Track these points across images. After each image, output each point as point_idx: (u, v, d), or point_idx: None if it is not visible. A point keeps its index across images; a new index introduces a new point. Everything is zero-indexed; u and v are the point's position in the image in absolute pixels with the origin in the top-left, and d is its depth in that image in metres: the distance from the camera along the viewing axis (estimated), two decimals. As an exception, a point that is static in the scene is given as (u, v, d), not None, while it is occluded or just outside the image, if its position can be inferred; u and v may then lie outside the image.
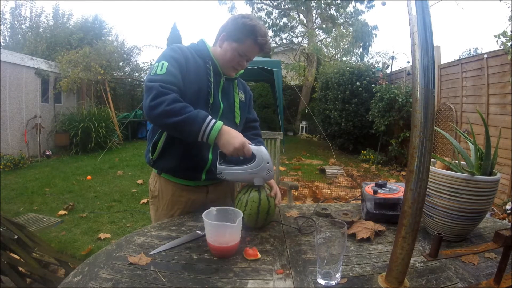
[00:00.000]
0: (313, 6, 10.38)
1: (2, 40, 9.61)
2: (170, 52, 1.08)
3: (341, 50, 10.23)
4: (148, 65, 10.49)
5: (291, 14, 11.03)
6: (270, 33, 11.31)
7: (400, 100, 5.17)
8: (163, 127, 1.05)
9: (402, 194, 0.86)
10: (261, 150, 0.98)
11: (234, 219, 0.85)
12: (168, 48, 1.10)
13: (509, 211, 2.93)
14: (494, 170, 0.89)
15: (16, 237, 1.56)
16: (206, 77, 1.11)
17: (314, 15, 10.73)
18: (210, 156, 1.13)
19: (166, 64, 1.02)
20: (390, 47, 21.15)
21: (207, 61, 1.14)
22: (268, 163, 0.98)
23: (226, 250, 0.81)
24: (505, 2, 3.47)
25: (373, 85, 6.06)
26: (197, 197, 1.18)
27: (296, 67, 10.01)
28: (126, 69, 9.96)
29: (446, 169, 0.90)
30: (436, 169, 0.90)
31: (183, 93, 1.03)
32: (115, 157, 6.08)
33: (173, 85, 1.00)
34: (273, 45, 11.95)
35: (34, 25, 9.98)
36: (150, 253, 0.82)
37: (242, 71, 1.23)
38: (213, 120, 0.97)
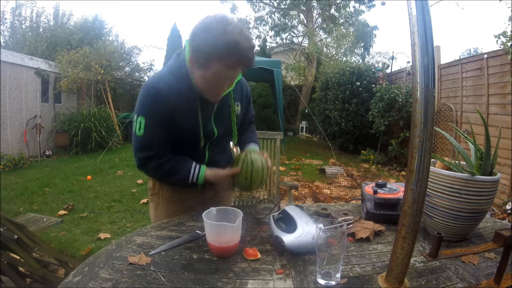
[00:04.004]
0: (314, 5, 10.39)
1: (2, 40, 9.61)
2: (148, 101, 0.98)
3: (342, 50, 10.24)
4: (148, 65, 10.50)
5: (291, 13, 11.03)
6: (271, 32, 11.31)
7: (400, 100, 5.17)
8: None
9: (402, 194, 0.86)
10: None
11: (234, 219, 0.85)
12: (145, 93, 0.98)
13: (509, 211, 2.93)
14: (494, 170, 0.89)
15: (16, 237, 1.56)
16: (195, 109, 1.02)
17: (314, 15, 10.74)
18: (207, 153, 1.13)
19: (143, 121, 0.97)
20: (390, 47, 21.17)
21: (192, 88, 1.00)
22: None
23: (226, 250, 0.81)
24: (505, 2, 3.47)
25: (373, 85, 6.06)
26: (197, 194, 1.19)
27: (296, 67, 10.02)
28: (126, 69, 9.97)
29: (446, 169, 0.90)
30: (436, 169, 0.90)
31: (172, 134, 1.02)
32: (115, 157, 6.08)
33: (152, 146, 1.01)
34: (273, 45, 11.97)
35: (34, 25, 9.98)
36: (150, 253, 0.82)
37: (232, 87, 1.10)
38: (196, 174, 1.06)
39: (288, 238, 0.83)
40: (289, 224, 0.90)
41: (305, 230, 0.84)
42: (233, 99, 1.13)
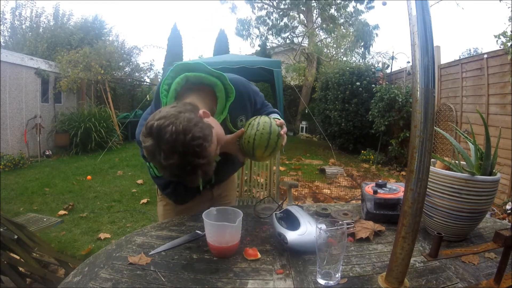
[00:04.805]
0: (313, 5, 10.38)
1: (2, 40, 9.60)
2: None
3: (342, 50, 10.24)
4: (148, 65, 10.50)
5: (291, 13, 11.03)
6: (271, 32, 11.25)
7: (400, 100, 5.17)
8: None
9: (402, 194, 0.86)
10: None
11: (234, 219, 0.85)
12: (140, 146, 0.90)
13: (509, 211, 2.93)
14: (494, 170, 0.89)
15: (16, 237, 1.56)
16: None
17: (314, 15, 10.74)
18: None
19: None
20: (390, 47, 21.18)
21: None
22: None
23: (226, 250, 0.81)
24: (505, 2, 3.48)
25: (373, 85, 6.06)
26: (204, 192, 1.19)
27: (296, 68, 10.01)
28: (126, 69, 9.95)
29: (446, 169, 0.90)
30: (436, 169, 0.90)
31: None
32: (115, 157, 6.08)
33: (171, 180, 1.01)
34: (273, 45, 11.98)
35: (34, 25, 9.97)
36: (150, 253, 0.82)
37: (226, 114, 0.99)
38: None
39: (291, 236, 0.82)
40: (291, 223, 0.90)
41: (308, 229, 0.84)
42: (230, 123, 1.04)
